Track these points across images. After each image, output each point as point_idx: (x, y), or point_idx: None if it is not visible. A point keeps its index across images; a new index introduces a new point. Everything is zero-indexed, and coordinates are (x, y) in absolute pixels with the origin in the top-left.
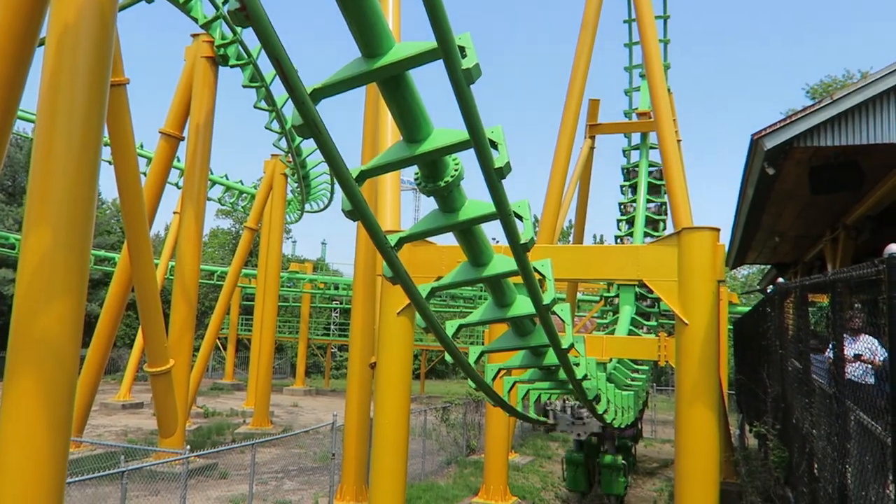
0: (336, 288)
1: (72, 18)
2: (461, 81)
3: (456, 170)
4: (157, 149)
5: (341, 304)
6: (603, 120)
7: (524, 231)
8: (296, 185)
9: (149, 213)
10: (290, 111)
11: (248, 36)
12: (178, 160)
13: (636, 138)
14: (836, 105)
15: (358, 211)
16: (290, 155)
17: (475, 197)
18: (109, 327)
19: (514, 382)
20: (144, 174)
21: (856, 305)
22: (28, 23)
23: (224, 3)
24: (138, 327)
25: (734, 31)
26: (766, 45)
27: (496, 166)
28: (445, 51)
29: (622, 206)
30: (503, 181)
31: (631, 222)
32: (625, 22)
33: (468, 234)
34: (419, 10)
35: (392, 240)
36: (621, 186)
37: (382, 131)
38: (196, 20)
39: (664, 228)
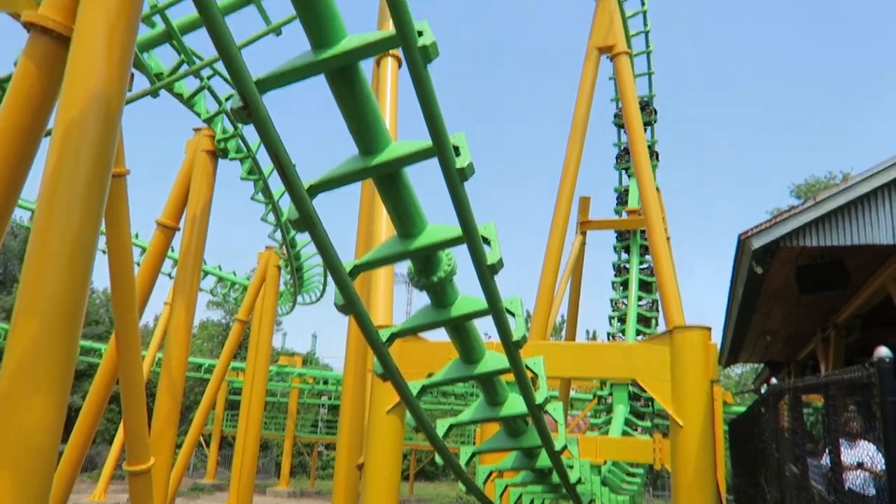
0: (325, 383)
1: (78, 112)
2: (455, 179)
3: (449, 265)
4: (153, 239)
5: (330, 399)
6: (594, 216)
7: (516, 328)
8: (289, 277)
9: (140, 304)
10: (286, 204)
11: (249, 131)
12: (172, 250)
13: (627, 235)
14: (819, 207)
15: (350, 306)
16: (284, 247)
17: (467, 292)
18: (90, 422)
19: (506, 486)
20: (138, 264)
21: (851, 408)
22: (36, 115)
23: (227, 100)
24: (119, 422)
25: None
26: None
27: (489, 262)
28: (440, 150)
29: (614, 303)
30: (495, 277)
31: (623, 319)
32: (613, 123)
33: (460, 330)
34: (416, 109)
35: (384, 335)
36: (613, 283)
37: (377, 226)
38: (199, 115)
39: (656, 325)
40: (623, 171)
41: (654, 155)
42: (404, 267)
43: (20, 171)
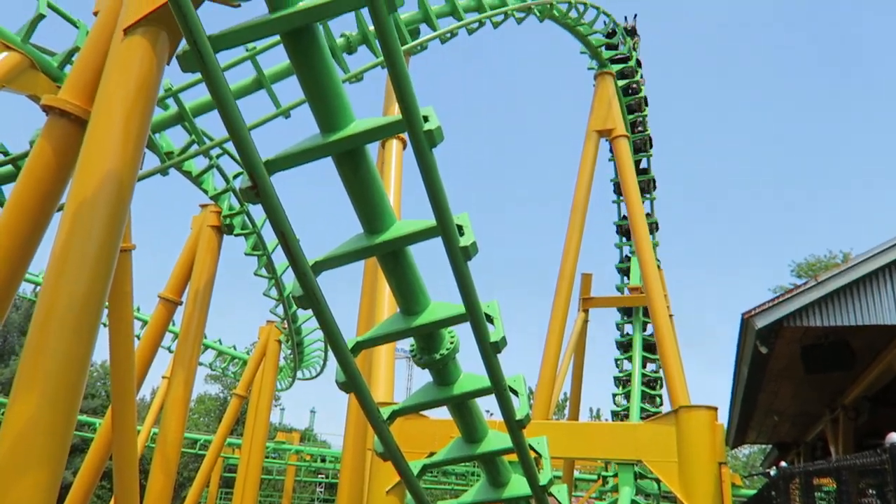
0: (323, 460)
1: (91, 191)
2: (458, 258)
3: (451, 343)
4: (155, 313)
5: (327, 478)
6: (597, 292)
7: (520, 407)
8: (289, 351)
9: (138, 378)
10: (288, 279)
11: (255, 207)
12: (173, 324)
13: (629, 312)
14: (821, 287)
15: (352, 383)
16: (285, 321)
17: (470, 369)
18: (81, 499)
19: None
20: (138, 337)
21: (870, 492)
22: (48, 193)
23: (234, 178)
24: (110, 499)
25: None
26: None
27: (492, 340)
28: (444, 229)
29: (618, 381)
30: (499, 355)
31: (627, 397)
32: (613, 202)
33: (462, 408)
34: (420, 187)
35: (385, 413)
36: (616, 360)
37: (379, 302)
38: (206, 192)
39: (661, 404)
40: (624, 242)
41: (653, 227)
42: (405, 342)
43: (29, 246)
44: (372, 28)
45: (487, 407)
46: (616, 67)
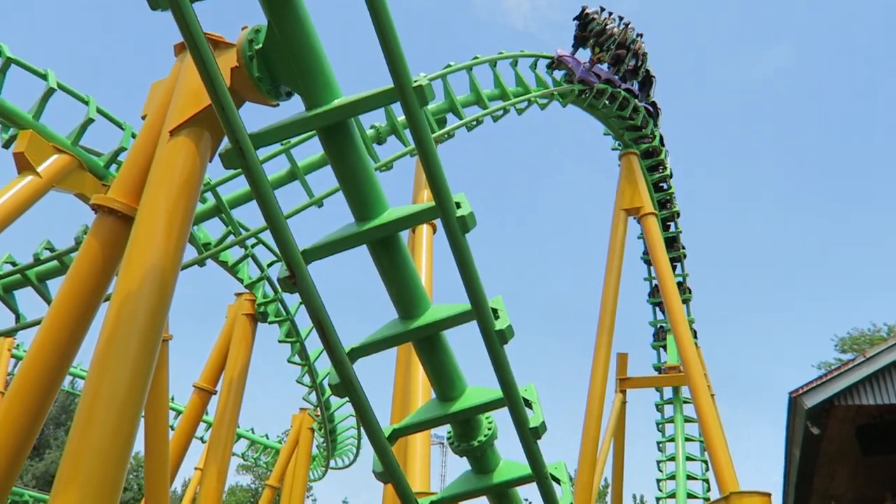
0: None
1: (136, 285)
2: (494, 342)
3: (489, 429)
4: (189, 402)
5: None
6: (633, 372)
7: (563, 496)
8: (322, 440)
9: (172, 469)
10: (321, 366)
11: (288, 294)
12: (207, 413)
13: (668, 392)
14: (871, 363)
15: (390, 473)
16: (318, 409)
17: (509, 456)
18: None
19: None
20: (172, 427)
21: None
22: (95, 287)
23: (268, 267)
24: None
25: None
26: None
27: (531, 426)
28: (479, 313)
29: (661, 465)
30: (539, 441)
31: (672, 482)
32: (645, 280)
33: (503, 497)
34: (449, 272)
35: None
36: (658, 443)
37: (413, 388)
38: (242, 281)
39: (709, 490)
40: (658, 320)
41: (687, 301)
42: (440, 428)
43: (75, 339)
44: (401, 118)
45: (527, 495)
46: (640, 147)
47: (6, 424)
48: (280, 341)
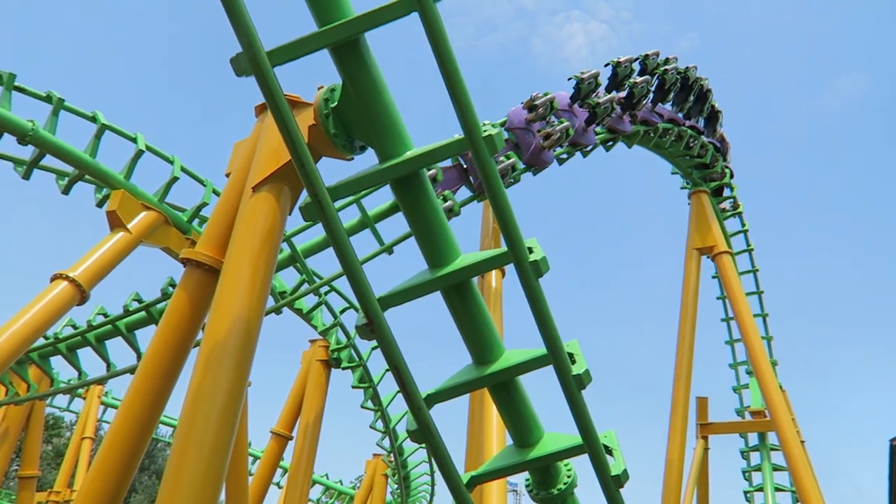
0: None
1: (223, 334)
2: (572, 387)
3: (569, 476)
4: (267, 448)
5: None
6: (714, 418)
7: None
8: (396, 486)
9: None
10: (394, 411)
11: (361, 340)
12: (283, 459)
13: (753, 438)
14: None
15: None
16: (391, 454)
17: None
18: None
19: None
20: (251, 473)
21: None
22: (184, 337)
23: (341, 313)
24: None
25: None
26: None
27: (613, 474)
28: (555, 358)
29: None
30: (621, 490)
31: None
32: (723, 321)
33: None
34: (519, 316)
35: None
36: (746, 493)
37: (487, 434)
38: (315, 328)
39: None
40: (739, 363)
41: (770, 343)
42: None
43: (167, 386)
44: None
45: None
46: (710, 185)
47: (104, 471)
48: (353, 387)
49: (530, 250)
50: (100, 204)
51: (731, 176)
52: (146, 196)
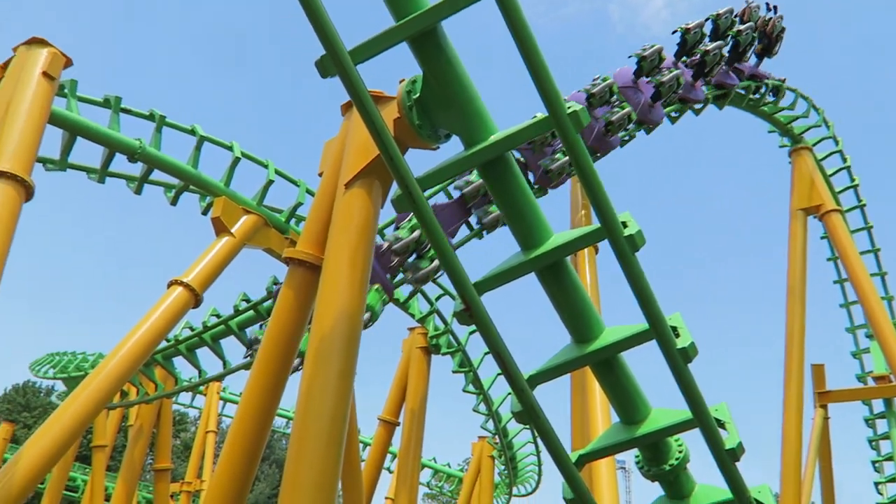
0: None
1: (329, 327)
2: (677, 361)
3: (680, 452)
4: (376, 434)
5: None
6: (832, 386)
7: None
8: (503, 467)
9: (366, 499)
10: (496, 393)
11: (458, 326)
12: (391, 445)
13: (878, 405)
14: None
15: (581, 500)
16: (496, 436)
17: (703, 480)
18: None
19: None
20: (363, 460)
21: None
22: (293, 333)
23: (437, 300)
24: None
25: None
26: None
27: (727, 447)
28: (658, 332)
29: (880, 487)
30: (737, 464)
31: None
32: (835, 283)
33: None
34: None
35: None
36: (873, 462)
37: (592, 412)
38: (413, 316)
39: None
40: (856, 326)
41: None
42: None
43: (280, 381)
44: None
45: None
46: (811, 140)
47: (231, 462)
48: (454, 372)
49: (624, 225)
50: (204, 211)
51: (832, 130)
52: (246, 201)
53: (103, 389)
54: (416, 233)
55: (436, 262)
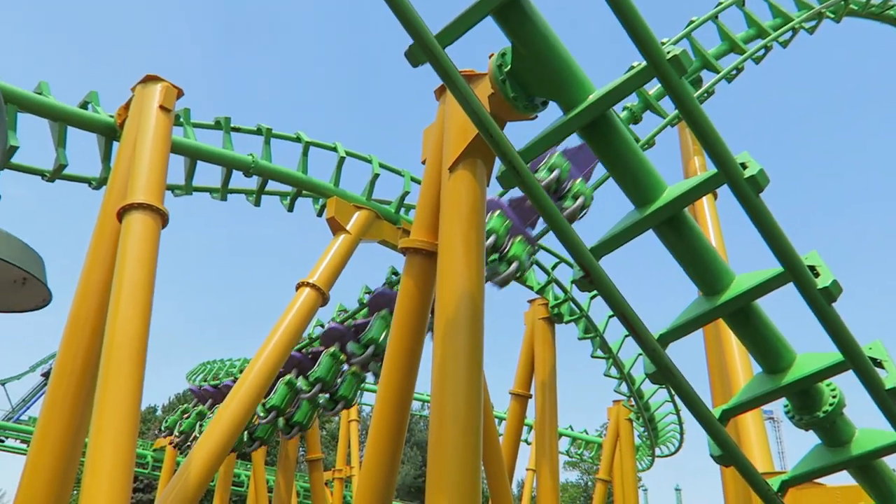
0: None
1: (452, 311)
2: (819, 302)
3: (834, 397)
4: (510, 409)
5: None
6: None
7: None
8: (642, 429)
9: (508, 472)
10: (625, 355)
11: (579, 292)
12: (526, 417)
13: None
14: None
15: (729, 455)
16: (631, 399)
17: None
18: None
19: None
20: (500, 434)
21: None
22: (418, 319)
23: (553, 269)
24: None
25: None
26: None
27: (888, 388)
28: (794, 274)
29: None
30: None
31: None
32: None
33: (869, 471)
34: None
35: (774, 484)
36: None
37: (731, 365)
38: (532, 288)
39: None
40: None
41: None
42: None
43: (413, 367)
44: (652, 91)
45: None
46: None
47: (378, 447)
48: (579, 338)
49: (744, 166)
50: (319, 213)
51: None
52: (356, 197)
53: (253, 391)
54: (556, 172)
55: (581, 199)
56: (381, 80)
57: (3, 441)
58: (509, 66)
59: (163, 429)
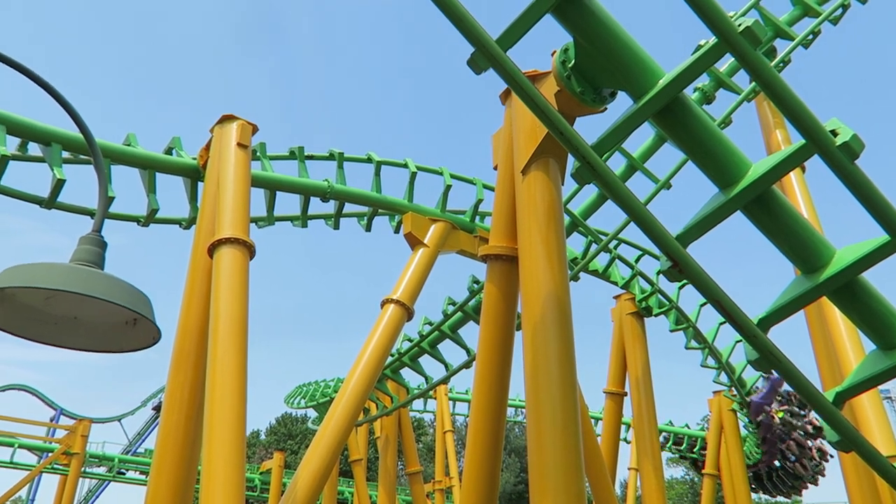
0: None
1: (538, 315)
2: None
3: None
4: (605, 408)
5: None
6: None
7: None
8: (747, 419)
9: (609, 472)
10: (722, 344)
11: (666, 282)
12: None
13: None
14: None
15: (849, 440)
16: (733, 388)
17: None
18: None
19: None
20: (598, 435)
21: None
22: (505, 325)
23: (637, 262)
24: None
25: None
26: None
27: None
28: None
29: None
30: None
31: None
32: None
33: None
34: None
35: None
36: None
37: (838, 345)
38: (616, 283)
39: None
40: None
41: None
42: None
43: (504, 374)
44: (723, 67)
45: None
46: None
47: (477, 457)
48: (671, 330)
49: (834, 133)
50: (396, 230)
51: None
52: (430, 210)
53: (349, 410)
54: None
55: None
56: (443, 90)
57: (123, 473)
58: (573, 62)
59: None
